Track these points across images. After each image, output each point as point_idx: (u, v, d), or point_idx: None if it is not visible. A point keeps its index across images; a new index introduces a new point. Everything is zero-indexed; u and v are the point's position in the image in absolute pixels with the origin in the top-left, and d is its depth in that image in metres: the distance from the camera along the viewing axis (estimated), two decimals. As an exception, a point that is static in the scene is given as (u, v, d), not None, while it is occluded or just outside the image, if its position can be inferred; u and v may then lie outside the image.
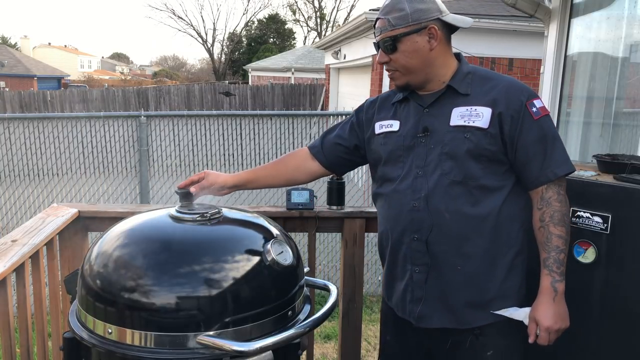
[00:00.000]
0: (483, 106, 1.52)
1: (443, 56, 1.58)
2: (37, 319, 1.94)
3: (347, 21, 12.29)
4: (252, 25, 43.52)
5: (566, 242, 1.50)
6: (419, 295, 1.59)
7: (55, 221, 2.00)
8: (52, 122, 4.92)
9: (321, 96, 15.75)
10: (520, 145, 1.51)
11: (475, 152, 1.51)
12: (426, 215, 1.54)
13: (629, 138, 3.05)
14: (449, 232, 1.53)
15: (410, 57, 1.55)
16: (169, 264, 1.30)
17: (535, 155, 1.51)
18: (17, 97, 16.20)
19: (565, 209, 1.51)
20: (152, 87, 20.07)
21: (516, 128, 1.50)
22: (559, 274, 1.49)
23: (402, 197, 1.59)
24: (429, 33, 1.53)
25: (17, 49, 40.11)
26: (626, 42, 3.01)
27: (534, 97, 1.54)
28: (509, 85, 1.54)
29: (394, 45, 1.56)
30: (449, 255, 1.54)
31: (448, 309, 1.57)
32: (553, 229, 1.49)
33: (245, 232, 1.50)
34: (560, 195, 1.51)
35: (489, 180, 1.52)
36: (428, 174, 1.55)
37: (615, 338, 1.77)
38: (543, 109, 1.53)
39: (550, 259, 1.50)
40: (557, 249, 1.49)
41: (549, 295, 1.49)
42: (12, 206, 4.85)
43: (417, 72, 1.57)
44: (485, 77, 1.59)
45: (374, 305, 4.58)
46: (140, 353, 1.25)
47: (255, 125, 5.42)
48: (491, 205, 1.52)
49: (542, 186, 1.52)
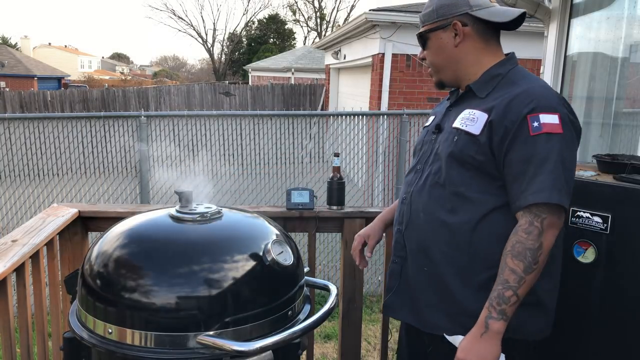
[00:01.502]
0: (482, 111, 1.42)
1: (473, 54, 1.49)
2: (37, 319, 1.94)
3: (347, 21, 12.28)
4: (252, 25, 43.58)
5: (520, 280, 1.31)
6: (392, 284, 1.62)
7: (55, 221, 2.00)
8: (52, 122, 4.91)
9: (321, 96, 15.74)
10: (507, 161, 1.37)
11: (459, 157, 1.43)
12: (408, 209, 1.56)
13: (629, 138, 3.05)
14: (420, 232, 1.52)
15: (436, 53, 1.53)
16: (169, 264, 1.30)
17: (519, 175, 1.35)
18: (17, 97, 16.19)
19: (532, 243, 1.31)
20: (152, 87, 20.06)
21: (506, 141, 1.36)
22: (498, 312, 1.32)
23: (403, 188, 1.65)
24: (454, 29, 1.48)
25: (17, 49, 40.09)
26: (626, 42, 3.00)
27: (543, 111, 1.34)
28: (520, 93, 1.39)
29: (423, 42, 1.56)
30: (416, 254, 1.53)
31: (412, 306, 1.57)
32: (509, 260, 1.32)
33: (246, 232, 1.50)
34: (532, 226, 1.32)
35: (471, 191, 1.42)
36: (424, 171, 1.56)
37: (615, 338, 1.77)
38: (549, 126, 1.33)
39: (495, 292, 1.33)
40: (504, 284, 1.32)
41: (477, 329, 1.35)
42: (12, 206, 4.85)
43: (444, 69, 1.54)
44: (512, 81, 1.46)
45: (374, 305, 4.58)
46: (141, 353, 1.26)
47: (255, 125, 5.42)
48: (467, 217, 1.42)
49: (518, 211, 1.36)
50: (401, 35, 7.31)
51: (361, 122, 5.49)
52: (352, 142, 5.36)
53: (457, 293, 1.45)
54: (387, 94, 7.44)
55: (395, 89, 7.48)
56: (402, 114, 5.22)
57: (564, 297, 1.66)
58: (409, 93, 7.47)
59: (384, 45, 7.37)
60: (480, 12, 1.47)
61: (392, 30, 7.34)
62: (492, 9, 1.48)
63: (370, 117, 5.83)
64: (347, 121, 5.43)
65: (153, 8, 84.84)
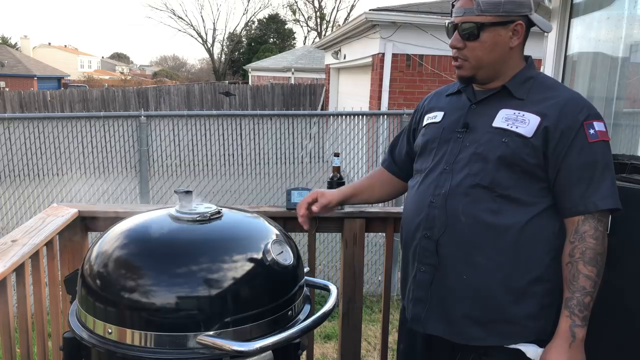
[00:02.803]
0: (533, 114, 1.39)
1: (517, 57, 1.47)
2: (37, 319, 1.94)
3: (347, 21, 12.29)
4: (252, 25, 43.58)
5: (595, 284, 1.35)
6: (419, 295, 1.52)
7: (55, 221, 2.00)
8: (52, 122, 4.91)
9: (321, 96, 15.74)
10: (564, 166, 1.36)
11: (510, 160, 1.39)
12: (442, 213, 1.45)
13: (629, 138, 3.05)
14: (461, 237, 1.43)
15: (488, 49, 1.42)
16: (169, 263, 1.30)
17: (580, 180, 1.36)
18: (17, 97, 16.19)
19: (600, 248, 1.36)
20: (152, 87, 20.06)
21: (565, 146, 1.36)
22: (581, 319, 1.35)
23: (425, 191, 1.52)
24: (514, 29, 1.41)
25: (17, 49, 40.09)
26: (626, 42, 3.00)
27: (595, 118, 1.38)
28: (569, 98, 1.41)
29: (476, 32, 1.40)
30: (456, 260, 1.44)
31: (446, 317, 1.48)
32: (582, 267, 1.34)
33: (245, 232, 1.50)
34: (597, 231, 1.36)
35: (518, 193, 1.40)
36: (455, 171, 1.46)
37: (615, 338, 1.77)
38: (603, 134, 1.37)
39: (573, 300, 1.35)
40: (582, 290, 1.35)
41: (565, 340, 1.36)
42: (12, 206, 4.84)
43: (488, 67, 1.45)
44: (547, 85, 1.46)
45: (374, 305, 4.58)
46: (141, 353, 1.25)
47: (255, 125, 5.42)
48: (514, 220, 1.39)
49: (578, 216, 1.37)
50: (401, 35, 7.31)
51: (361, 122, 5.49)
52: (352, 142, 5.36)
53: (499, 299, 1.42)
54: (387, 94, 7.45)
55: (395, 88, 7.49)
56: (402, 114, 5.22)
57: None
58: (409, 93, 7.47)
59: (384, 45, 7.37)
60: (534, 17, 1.43)
61: (392, 30, 7.34)
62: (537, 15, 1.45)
63: (370, 117, 5.83)
64: (347, 121, 5.43)
65: (153, 8, 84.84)
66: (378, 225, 2.24)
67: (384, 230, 2.25)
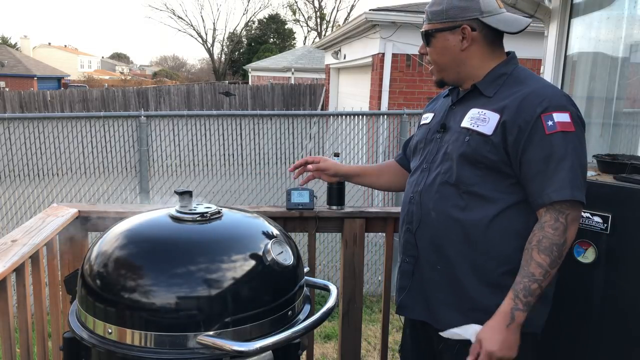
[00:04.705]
0: (493, 111, 1.44)
1: (479, 58, 1.50)
2: (37, 319, 1.94)
3: (347, 21, 12.29)
4: (252, 25, 43.58)
5: (546, 273, 1.35)
6: (404, 284, 1.62)
7: (55, 221, 2.00)
8: (52, 122, 4.91)
9: (321, 96, 15.74)
10: (524, 160, 1.40)
11: (471, 157, 1.45)
12: (417, 209, 1.56)
13: (629, 138, 3.05)
14: (432, 231, 1.53)
15: (440, 53, 1.52)
16: (169, 264, 1.30)
17: (538, 174, 1.38)
18: (17, 97, 16.19)
19: (558, 239, 1.36)
20: (152, 87, 20.06)
21: (521, 140, 1.39)
22: (524, 304, 1.36)
23: (408, 188, 1.64)
24: (462, 33, 1.47)
25: (17, 49, 40.08)
26: (626, 42, 3.00)
27: (556, 110, 1.38)
28: (530, 92, 1.42)
29: (427, 39, 1.54)
30: (430, 253, 1.54)
31: (426, 303, 1.57)
32: (536, 254, 1.36)
33: (245, 232, 1.50)
34: (558, 222, 1.36)
35: (484, 189, 1.45)
36: (431, 170, 1.56)
37: (615, 338, 1.77)
38: (564, 124, 1.37)
39: (521, 285, 1.36)
40: (531, 277, 1.35)
41: (503, 320, 1.37)
42: (12, 206, 4.84)
43: (447, 69, 1.54)
44: (519, 80, 1.48)
45: (374, 305, 4.58)
46: (141, 353, 1.25)
47: (255, 125, 5.42)
48: (481, 215, 1.45)
49: (542, 208, 1.39)
50: (401, 35, 7.31)
51: (361, 122, 5.49)
52: (352, 142, 5.36)
53: (471, 290, 1.47)
54: (387, 94, 7.44)
55: (395, 88, 7.48)
56: (402, 114, 5.23)
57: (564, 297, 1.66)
58: (409, 93, 7.47)
59: (384, 45, 7.37)
60: (490, 19, 1.47)
61: (392, 30, 7.34)
62: (501, 16, 1.48)
63: (370, 117, 5.83)
64: (347, 121, 5.43)
65: (153, 8, 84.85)
66: (378, 225, 2.24)
67: (384, 230, 2.26)
